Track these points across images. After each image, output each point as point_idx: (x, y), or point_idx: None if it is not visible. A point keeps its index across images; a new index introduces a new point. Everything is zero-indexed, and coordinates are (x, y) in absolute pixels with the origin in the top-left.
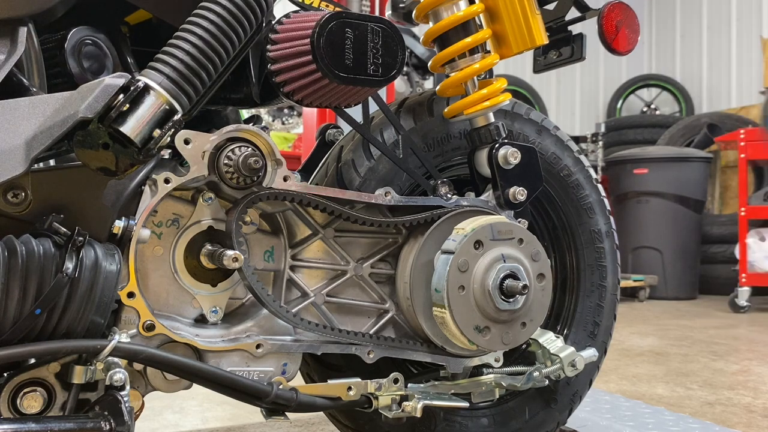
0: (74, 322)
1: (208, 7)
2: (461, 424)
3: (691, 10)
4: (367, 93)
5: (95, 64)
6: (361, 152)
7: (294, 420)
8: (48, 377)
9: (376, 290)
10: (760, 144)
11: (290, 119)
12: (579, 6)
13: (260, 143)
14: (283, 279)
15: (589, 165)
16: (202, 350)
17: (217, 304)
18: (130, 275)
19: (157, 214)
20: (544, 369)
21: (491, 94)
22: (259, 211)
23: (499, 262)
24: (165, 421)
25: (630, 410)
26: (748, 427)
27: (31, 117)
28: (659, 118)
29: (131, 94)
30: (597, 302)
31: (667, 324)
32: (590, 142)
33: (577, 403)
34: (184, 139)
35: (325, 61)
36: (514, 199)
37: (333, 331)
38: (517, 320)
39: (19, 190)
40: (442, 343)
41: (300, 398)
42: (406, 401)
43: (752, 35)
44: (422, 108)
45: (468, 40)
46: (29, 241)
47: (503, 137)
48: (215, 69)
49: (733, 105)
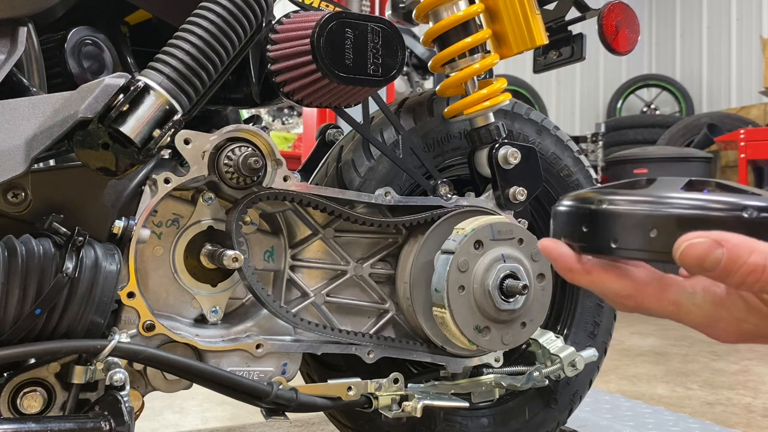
0: (74, 322)
1: (208, 7)
2: (461, 424)
3: (691, 10)
4: (367, 93)
5: (95, 64)
6: (361, 152)
7: (294, 420)
8: (48, 377)
9: (376, 290)
10: (760, 144)
11: (290, 119)
12: (579, 6)
13: (260, 143)
14: (283, 279)
15: (589, 165)
16: (202, 350)
17: (217, 304)
18: (130, 275)
19: (157, 214)
20: (544, 369)
21: (491, 94)
22: (259, 211)
23: (499, 262)
24: (165, 421)
25: (630, 410)
26: (748, 427)
27: (31, 117)
28: (659, 118)
29: (131, 94)
30: (597, 302)
31: (667, 324)
32: (590, 142)
33: (577, 403)
34: (184, 139)
35: (325, 61)
36: (514, 199)
37: (333, 331)
38: (517, 320)
39: (19, 190)
40: (442, 343)
41: (300, 398)
42: (406, 401)
43: (752, 35)
44: (422, 108)
45: (468, 40)
46: (29, 241)
47: (503, 137)
48: (215, 69)
49: (733, 105)
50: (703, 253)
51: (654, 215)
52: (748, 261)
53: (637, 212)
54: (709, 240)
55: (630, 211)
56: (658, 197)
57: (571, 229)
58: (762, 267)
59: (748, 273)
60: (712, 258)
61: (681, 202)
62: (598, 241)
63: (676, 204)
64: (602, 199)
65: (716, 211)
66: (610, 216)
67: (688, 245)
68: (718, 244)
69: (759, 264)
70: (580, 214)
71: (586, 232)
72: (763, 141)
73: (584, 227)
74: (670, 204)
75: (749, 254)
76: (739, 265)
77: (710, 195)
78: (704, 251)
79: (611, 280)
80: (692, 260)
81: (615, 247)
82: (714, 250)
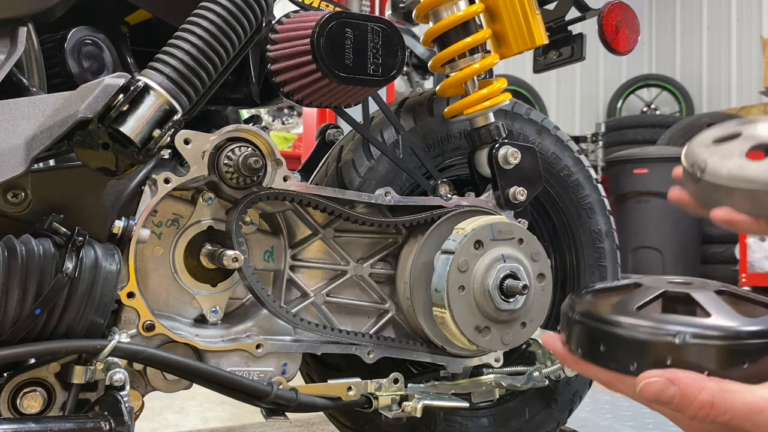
0: (74, 322)
1: (208, 7)
2: (461, 424)
3: (691, 10)
4: (367, 93)
5: (95, 64)
6: (361, 152)
7: (294, 420)
8: (48, 377)
9: (376, 290)
10: None
11: (290, 119)
12: (579, 6)
13: (260, 143)
14: (283, 279)
15: (589, 165)
16: (202, 350)
17: (217, 304)
18: (129, 275)
19: (157, 214)
20: (544, 369)
21: (491, 94)
22: (259, 211)
23: (499, 262)
24: (165, 421)
25: (630, 410)
26: None
27: (31, 117)
28: (659, 118)
29: (131, 94)
30: None
31: None
32: (590, 142)
33: (577, 403)
34: (184, 139)
35: (325, 61)
36: (514, 199)
37: (333, 331)
38: (517, 320)
39: (19, 190)
40: (442, 343)
41: (300, 398)
42: (406, 401)
43: (752, 35)
44: (422, 108)
45: (468, 40)
46: (29, 241)
47: (503, 137)
48: (215, 69)
49: (733, 105)
50: (658, 391)
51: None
52: (698, 398)
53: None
54: (663, 379)
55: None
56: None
57: (589, 346)
58: (710, 404)
59: (699, 408)
60: (666, 395)
61: (634, 326)
62: (616, 363)
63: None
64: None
65: (650, 335)
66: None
67: (645, 384)
68: (671, 382)
69: (707, 401)
70: (598, 335)
71: (605, 353)
72: None
73: (602, 347)
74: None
75: (699, 392)
76: (690, 402)
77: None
78: (659, 389)
79: (594, 370)
80: (649, 396)
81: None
82: (667, 388)
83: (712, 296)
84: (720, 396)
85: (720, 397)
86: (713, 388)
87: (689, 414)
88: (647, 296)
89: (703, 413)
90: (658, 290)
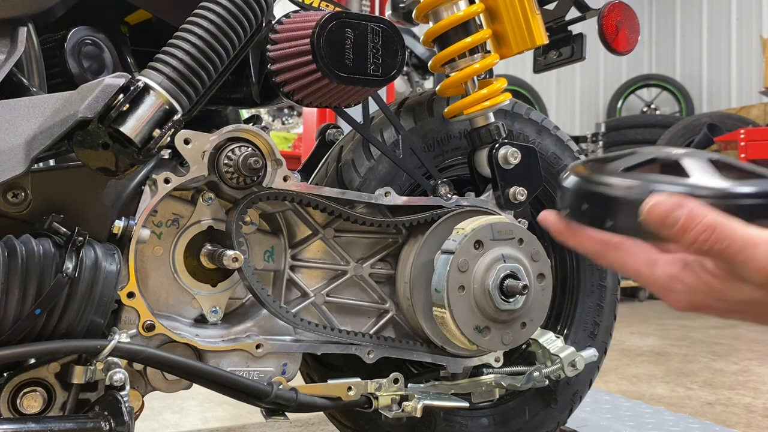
0: (74, 322)
1: (208, 7)
2: (461, 424)
3: (691, 10)
4: (367, 93)
5: (95, 64)
6: (361, 152)
7: (294, 420)
8: (48, 377)
9: (376, 290)
10: (760, 144)
11: (290, 119)
12: (579, 6)
13: (260, 143)
14: (283, 279)
15: None
16: (202, 350)
17: (217, 304)
18: (130, 275)
19: (157, 214)
20: (544, 369)
21: (491, 94)
22: (259, 211)
23: (499, 262)
24: (165, 421)
25: (630, 410)
26: (748, 427)
27: (31, 117)
28: (659, 118)
29: (131, 94)
30: (597, 302)
31: (667, 324)
32: (590, 142)
33: (577, 403)
34: (184, 139)
35: (325, 61)
36: (514, 199)
37: (333, 331)
38: (517, 320)
39: (19, 190)
40: (442, 343)
41: (300, 398)
42: (406, 401)
43: (752, 35)
44: (422, 108)
45: (468, 40)
46: (29, 241)
47: (503, 137)
48: (215, 69)
49: (733, 105)
50: (666, 211)
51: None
52: (703, 221)
53: (628, 198)
54: (672, 201)
55: (621, 197)
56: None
57: (573, 205)
58: (713, 227)
59: (702, 230)
60: (674, 216)
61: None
62: (595, 220)
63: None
64: (599, 181)
65: (624, 192)
66: (605, 199)
67: (654, 203)
68: (680, 205)
69: (711, 223)
70: (581, 194)
71: (586, 210)
72: (763, 141)
73: (584, 205)
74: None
75: (705, 215)
76: (696, 223)
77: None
78: (667, 210)
79: (587, 241)
80: (656, 217)
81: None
82: (676, 209)
83: (702, 163)
84: (723, 222)
85: (723, 223)
86: (717, 215)
87: (690, 238)
88: (637, 160)
89: (704, 236)
90: (650, 156)
